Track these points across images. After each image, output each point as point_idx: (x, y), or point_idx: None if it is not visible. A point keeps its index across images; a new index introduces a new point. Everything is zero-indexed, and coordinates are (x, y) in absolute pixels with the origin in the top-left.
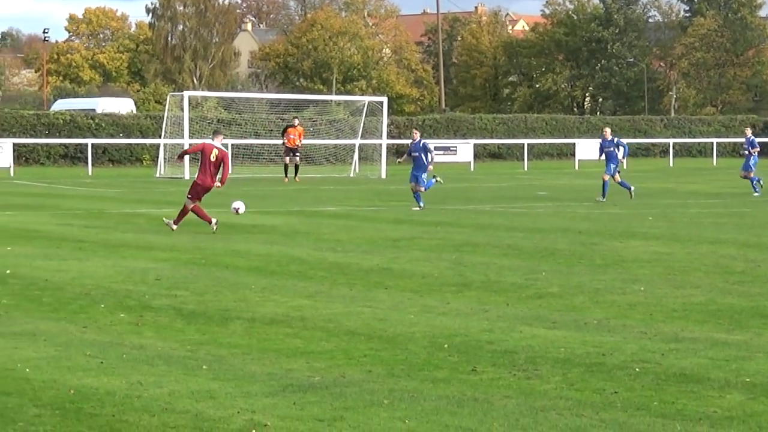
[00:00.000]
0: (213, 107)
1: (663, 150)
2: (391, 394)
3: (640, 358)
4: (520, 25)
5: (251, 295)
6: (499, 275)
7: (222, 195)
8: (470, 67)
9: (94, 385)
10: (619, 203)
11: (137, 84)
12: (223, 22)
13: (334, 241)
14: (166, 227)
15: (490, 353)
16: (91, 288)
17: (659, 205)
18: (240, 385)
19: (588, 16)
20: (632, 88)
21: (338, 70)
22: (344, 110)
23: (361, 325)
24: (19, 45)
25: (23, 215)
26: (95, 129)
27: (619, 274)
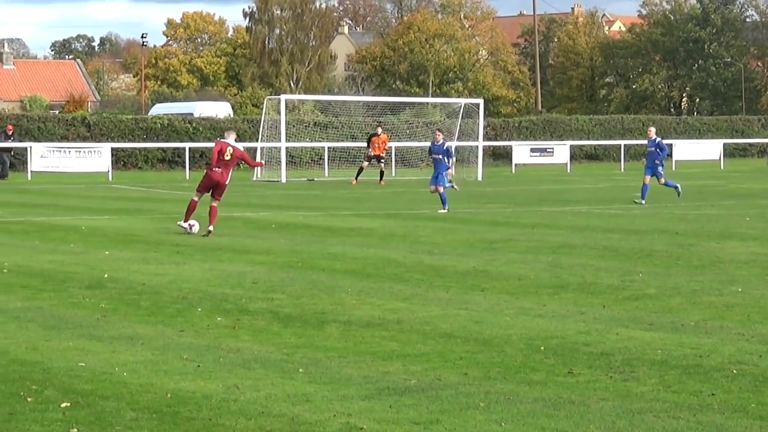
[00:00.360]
0: (310, 110)
1: (761, 150)
2: (488, 397)
3: (737, 360)
4: (617, 26)
5: (347, 298)
6: (596, 277)
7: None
8: (566, 68)
9: (191, 388)
10: (716, 204)
11: (234, 88)
12: (320, 25)
13: (430, 243)
14: (190, 233)
15: (587, 355)
16: (188, 292)
17: (757, 205)
18: (336, 389)
19: (685, 16)
20: (730, 88)
21: (434, 72)
22: (440, 112)
23: (458, 327)
24: (117, 50)
25: (121, 219)
26: (193, 133)
27: (716, 276)
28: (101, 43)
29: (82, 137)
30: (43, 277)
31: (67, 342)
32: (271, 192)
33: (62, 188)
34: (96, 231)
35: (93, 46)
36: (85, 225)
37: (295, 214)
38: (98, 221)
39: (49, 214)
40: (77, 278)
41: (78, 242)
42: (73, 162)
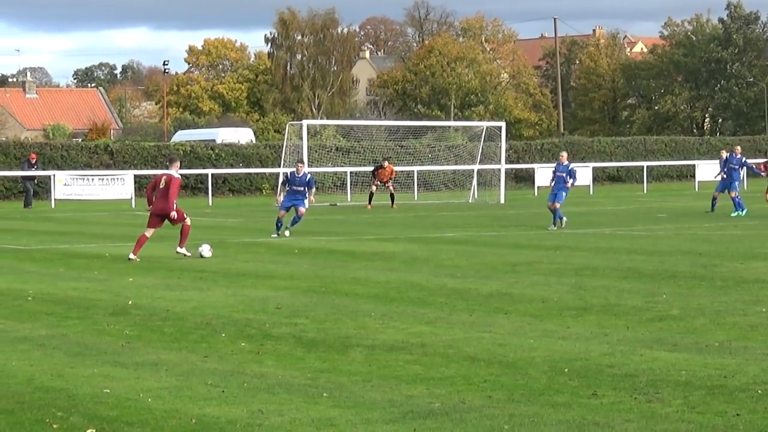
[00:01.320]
0: (331, 135)
1: None
2: (512, 420)
3: (762, 380)
4: (639, 47)
5: (371, 322)
6: (619, 298)
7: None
8: (588, 90)
9: (216, 414)
10: (739, 225)
11: (256, 114)
12: (341, 50)
13: (453, 266)
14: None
15: (611, 377)
16: (212, 317)
17: None
18: (360, 413)
19: (707, 37)
20: (753, 108)
21: (456, 95)
22: (462, 136)
23: (481, 350)
24: (139, 77)
25: (145, 247)
26: (215, 159)
27: (740, 296)
28: (123, 71)
29: (105, 165)
30: (68, 304)
31: (92, 369)
32: None
33: (86, 216)
34: (120, 258)
35: (115, 74)
36: (109, 252)
37: (318, 239)
38: (122, 248)
39: (73, 241)
40: (101, 305)
41: (102, 269)
42: (96, 189)
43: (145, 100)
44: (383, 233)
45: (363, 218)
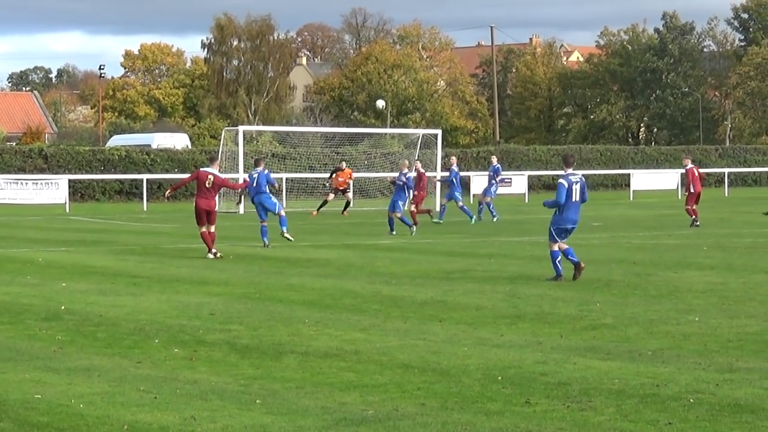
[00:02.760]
0: (268, 141)
1: (718, 179)
2: (445, 427)
3: (694, 389)
4: (575, 56)
5: (305, 329)
6: (553, 307)
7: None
8: (525, 98)
9: (148, 420)
10: (673, 234)
11: (192, 119)
12: (278, 56)
13: (388, 274)
14: (217, 259)
15: (544, 385)
16: (146, 323)
17: (714, 234)
18: (293, 420)
19: (643, 47)
20: (687, 117)
21: (393, 102)
22: (398, 143)
23: (415, 358)
24: (75, 81)
25: (78, 251)
26: (150, 164)
27: (673, 305)
28: (59, 75)
29: (39, 169)
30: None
31: (23, 374)
32: (229, 223)
33: (19, 220)
34: (53, 263)
35: (50, 78)
36: (42, 257)
37: (253, 245)
38: (55, 253)
39: (6, 246)
40: (34, 310)
41: (35, 274)
42: (30, 194)
43: (81, 104)
44: (318, 240)
45: (298, 225)
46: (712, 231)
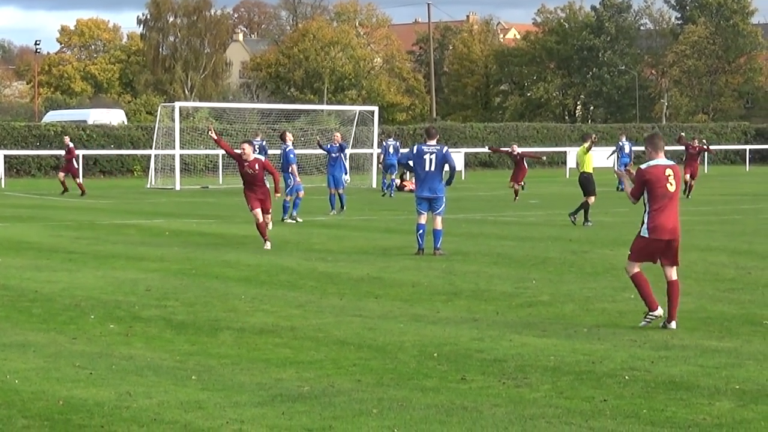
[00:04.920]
0: (204, 118)
1: None
2: (380, 404)
3: (629, 366)
4: (512, 34)
5: (241, 305)
6: (490, 284)
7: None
8: (461, 75)
9: (83, 396)
10: (609, 212)
11: (128, 95)
12: (214, 32)
13: (324, 250)
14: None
15: (480, 362)
16: (81, 299)
17: None
18: (229, 396)
19: (579, 24)
20: (624, 96)
21: (329, 79)
22: (335, 120)
23: (351, 334)
24: (10, 57)
25: (14, 227)
26: (86, 140)
27: (609, 282)
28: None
29: None
30: None
31: None
32: (165, 199)
33: None
34: None
35: None
36: None
37: (189, 221)
38: None
39: None
40: None
41: None
42: None
43: (16, 79)
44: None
45: (235, 201)
46: None
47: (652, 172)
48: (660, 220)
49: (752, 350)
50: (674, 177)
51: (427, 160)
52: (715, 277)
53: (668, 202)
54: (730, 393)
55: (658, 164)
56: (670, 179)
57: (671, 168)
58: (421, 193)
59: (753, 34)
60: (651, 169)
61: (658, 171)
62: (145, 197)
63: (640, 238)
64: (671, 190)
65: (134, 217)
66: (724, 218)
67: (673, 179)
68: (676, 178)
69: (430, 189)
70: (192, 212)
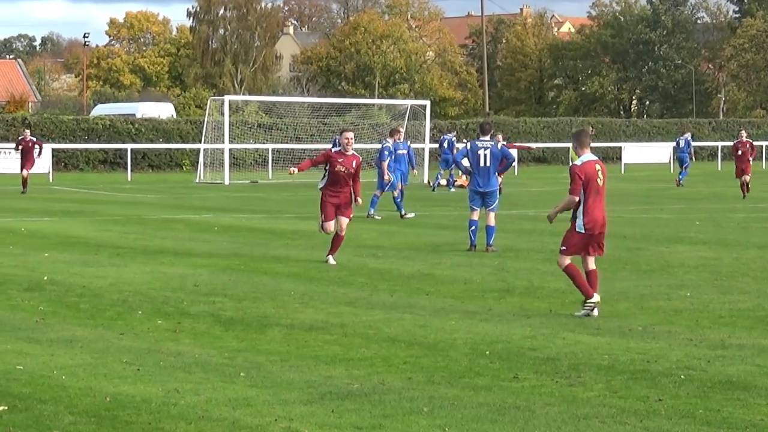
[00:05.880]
0: (254, 112)
1: (711, 153)
2: (431, 402)
3: (685, 365)
4: (566, 27)
5: (290, 301)
6: (543, 281)
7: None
8: (515, 69)
9: (131, 392)
10: (665, 208)
11: (177, 88)
12: (264, 25)
13: (374, 246)
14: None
15: (532, 360)
16: (129, 294)
17: (707, 209)
18: (278, 393)
19: (635, 18)
20: (680, 90)
21: (381, 73)
22: (387, 114)
23: (402, 331)
24: (59, 50)
25: (62, 221)
26: (135, 134)
27: (664, 280)
28: (42, 43)
29: None
30: None
31: (5, 345)
32: (214, 194)
33: (2, 189)
34: (36, 233)
35: (34, 46)
36: (25, 227)
37: (238, 216)
38: (38, 223)
39: None
40: (16, 280)
41: (17, 244)
42: (13, 163)
43: (65, 72)
44: (304, 211)
45: (284, 196)
46: (704, 205)
47: (586, 169)
48: (594, 215)
49: None
50: (602, 172)
51: (481, 155)
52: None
53: (597, 197)
54: None
55: (590, 160)
56: (599, 174)
57: (598, 163)
58: (475, 188)
59: None
60: (585, 166)
61: (590, 167)
62: (194, 192)
63: (576, 233)
64: (600, 185)
65: (183, 212)
66: None
67: (601, 174)
68: (603, 173)
69: (484, 184)
70: (241, 207)
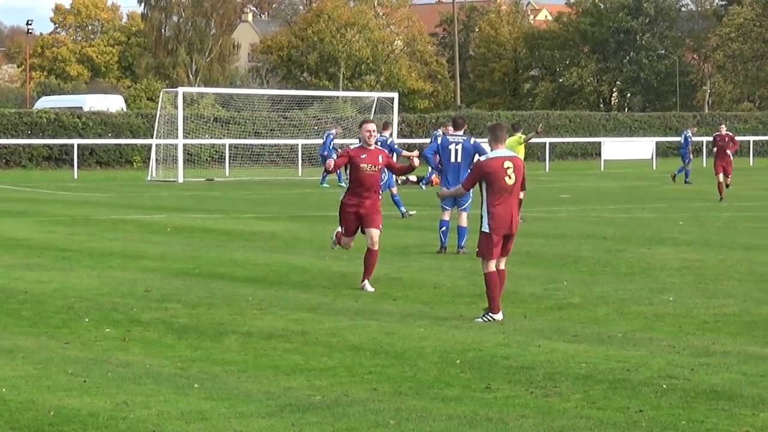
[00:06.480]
0: (210, 104)
1: (696, 149)
2: (398, 414)
3: (667, 374)
4: (543, 15)
5: (248, 307)
6: (517, 285)
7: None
8: (488, 60)
9: (76, 405)
10: (647, 208)
11: (128, 80)
12: (221, 12)
13: (338, 248)
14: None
15: (506, 369)
16: (75, 300)
17: (691, 208)
18: (234, 405)
19: (616, 5)
20: (663, 82)
21: (346, 64)
22: (352, 107)
23: (367, 339)
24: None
25: (2, 222)
26: (82, 128)
27: (646, 283)
28: None
29: None
30: None
31: None
32: (167, 193)
33: None
34: None
35: None
36: None
37: (193, 216)
38: None
39: None
40: None
41: None
42: None
43: (6, 62)
44: (263, 211)
45: (242, 195)
46: (689, 204)
47: (491, 165)
48: (500, 215)
49: None
50: (514, 170)
51: (452, 150)
52: (761, 277)
53: (508, 196)
54: None
55: (498, 156)
56: (509, 172)
57: (511, 160)
58: (446, 186)
59: None
60: (490, 161)
61: (497, 163)
62: (146, 190)
63: (483, 235)
64: (510, 183)
65: (133, 212)
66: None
67: (512, 172)
68: (516, 170)
69: (455, 182)
70: (196, 207)
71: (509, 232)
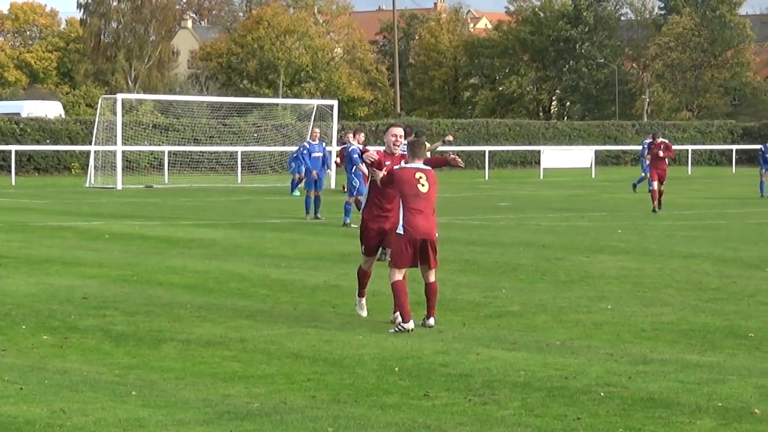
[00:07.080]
0: (149, 111)
1: (634, 158)
2: (336, 422)
3: (605, 382)
4: (483, 23)
5: (186, 314)
6: (456, 293)
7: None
8: (428, 68)
9: (13, 413)
10: (586, 216)
11: (66, 86)
12: (160, 18)
13: (277, 256)
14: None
15: (444, 377)
16: (12, 307)
17: (629, 217)
18: (172, 413)
19: (555, 14)
20: (602, 91)
21: (285, 71)
22: (291, 115)
23: (305, 346)
24: None
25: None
26: (19, 134)
27: (584, 292)
28: None
29: None
30: None
31: None
32: (105, 199)
33: None
34: None
35: None
36: None
37: (131, 223)
38: None
39: None
40: None
41: None
42: None
43: None
44: (202, 218)
45: (181, 202)
46: (627, 213)
47: (401, 174)
48: (413, 220)
49: (736, 365)
50: (426, 179)
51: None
52: (698, 286)
53: (422, 202)
54: (712, 411)
55: (410, 167)
56: (421, 180)
57: (423, 171)
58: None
59: (741, 25)
60: (402, 170)
61: (408, 173)
62: (84, 197)
63: (396, 237)
64: (423, 191)
65: (71, 219)
66: (707, 223)
67: (425, 180)
68: (429, 180)
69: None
70: (134, 213)
71: (425, 237)
